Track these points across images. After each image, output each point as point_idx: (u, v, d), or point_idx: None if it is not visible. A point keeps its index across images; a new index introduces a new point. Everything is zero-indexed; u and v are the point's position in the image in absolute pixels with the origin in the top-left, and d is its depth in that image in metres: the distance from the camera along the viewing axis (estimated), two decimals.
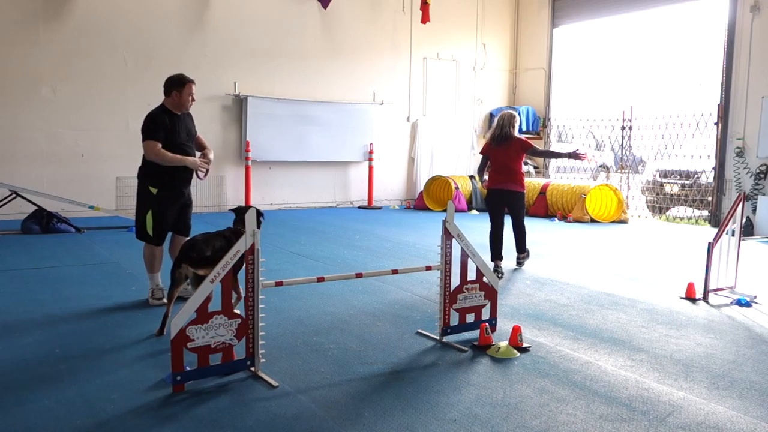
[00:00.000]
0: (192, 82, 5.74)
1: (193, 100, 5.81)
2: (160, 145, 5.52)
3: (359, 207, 14.30)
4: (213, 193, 12.86)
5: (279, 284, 4.14)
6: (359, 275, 4.64)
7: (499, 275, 7.15)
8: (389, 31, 14.72)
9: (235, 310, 3.95)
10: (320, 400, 3.73)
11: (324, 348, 4.65)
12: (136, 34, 11.94)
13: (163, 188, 5.65)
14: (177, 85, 5.63)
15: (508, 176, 7.49)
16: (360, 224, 11.47)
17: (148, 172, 5.66)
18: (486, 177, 7.73)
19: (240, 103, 12.93)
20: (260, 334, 4.00)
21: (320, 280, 4.49)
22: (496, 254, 7.51)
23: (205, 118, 12.60)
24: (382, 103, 14.54)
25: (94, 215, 10.78)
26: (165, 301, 5.32)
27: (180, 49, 12.32)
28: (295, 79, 13.46)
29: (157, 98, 5.92)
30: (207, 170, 5.98)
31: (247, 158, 12.66)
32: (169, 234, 5.94)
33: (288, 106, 13.24)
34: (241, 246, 3.86)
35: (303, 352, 4.56)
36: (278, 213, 12.94)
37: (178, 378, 3.74)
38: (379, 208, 14.29)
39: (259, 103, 12.91)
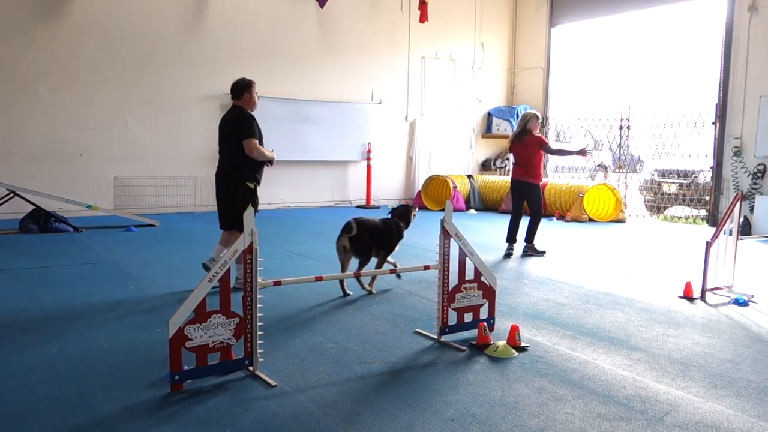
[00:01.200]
0: (254, 82, 6.43)
1: (258, 98, 6.53)
2: (257, 142, 6.18)
3: (357, 206, 14.30)
4: (211, 193, 12.79)
5: (277, 283, 4.14)
6: (357, 274, 4.64)
7: (509, 253, 8.42)
8: (388, 31, 14.72)
9: (233, 310, 3.94)
10: (318, 400, 3.74)
11: (322, 347, 4.66)
12: (135, 34, 11.93)
13: (257, 183, 6.33)
14: (246, 87, 6.32)
15: (527, 169, 8.44)
16: None
17: (245, 169, 6.22)
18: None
19: None
20: (258, 333, 4.00)
21: (319, 279, 4.49)
22: (511, 238, 8.55)
23: (203, 118, 12.62)
24: (380, 103, 14.55)
25: (92, 215, 10.77)
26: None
27: (178, 49, 12.32)
28: (293, 78, 13.46)
29: (154, 97, 5.92)
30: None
31: None
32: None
33: (286, 106, 13.23)
34: (239, 245, 3.87)
35: (301, 351, 4.57)
36: (277, 212, 12.95)
37: (177, 377, 3.75)
38: (378, 207, 14.30)
39: (258, 103, 12.87)
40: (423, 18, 14.21)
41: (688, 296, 6.36)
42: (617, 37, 21.32)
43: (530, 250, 8.54)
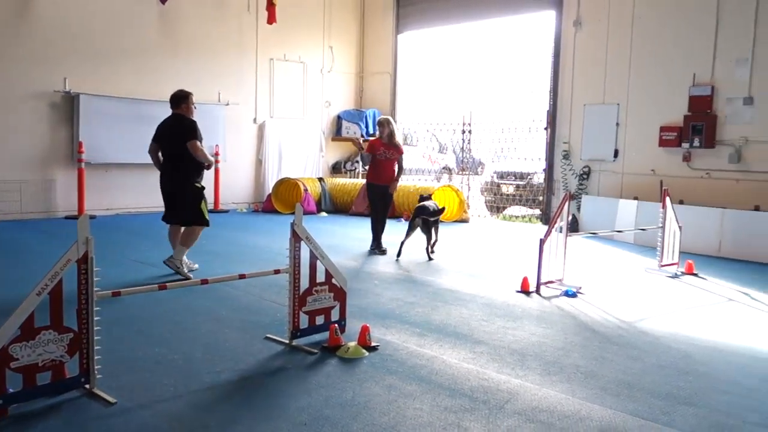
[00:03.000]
0: (192, 93, 7.52)
1: (195, 108, 7.46)
2: (200, 144, 7.08)
3: None
4: (41, 198, 11.86)
5: (116, 294, 3.91)
6: (204, 281, 4.49)
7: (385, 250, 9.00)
8: (234, 31, 14.39)
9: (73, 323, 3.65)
10: (163, 414, 3.57)
11: (168, 359, 4.46)
12: None
13: (201, 182, 7.26)
14: (184, 98, 7.34)
15: (390, 173, 9.25)
16: (206, 228, 11.08)
17: (192, 171, 7.12)
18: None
19: (71, 101, 12.03)
20: (96, 348, 3.75)
21: (162, 288, 4.30)
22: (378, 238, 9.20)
23: (31, 117, 11.63)
24: (228, 104, 14.18)
25: None
26: (188, 275, 7.12)
27: (1, 42, 11.25)
28: (132, 76, 12.74)
29: None
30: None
31: (80, 160, 11.76)
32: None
33: (125, 105, 12.50)
34: (72, 255, 3.60)
35: (145, 364, 4.34)
36: (117, 219, 12.21)
37: (0, 402, 3.41)
38: (227, 211, 13.93)
39: (93, 102, 12.08)
40: (271, 20, 14.05)
41: (525, 290, 6.80)
42: (460, 45, 22.42)
43: (379, 249, 9.07)
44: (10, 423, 3.39)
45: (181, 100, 7.30)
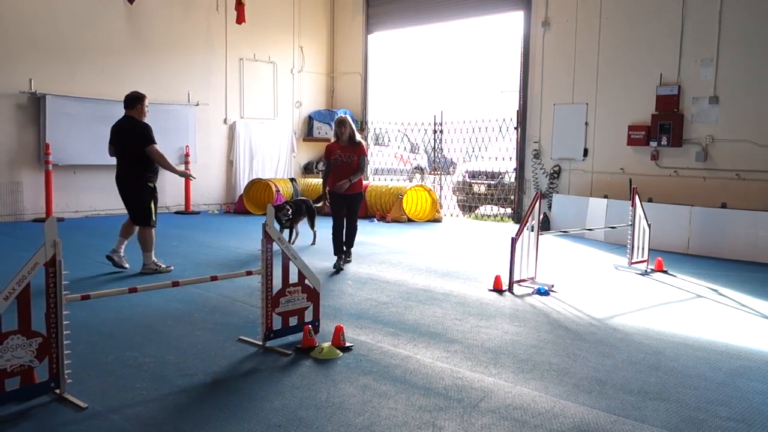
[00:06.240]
0: (146, 96, 7.47)
1: (148, 110, 7.53)
2: (158, 147, 7.26)
3: (176, 212, 13.68)
4: (8, 201, 11.61)
5: (86, 297, 3.85)
6: (176, 283, 4.44)
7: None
8: (203, 31, 14.24)
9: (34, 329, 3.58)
10: (134, 418, 3.52)
11: (139, 362, 4.39)
12: None
13: (155, 182, 7.42)
14: (138, 99, 7.35)
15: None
16: (177, 230, 10.99)
17: (146, 171, 7.29)
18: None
19: (37, 102, 11.79)
20: (65, 352, 3.68)
21: (132, 290, 4.23)
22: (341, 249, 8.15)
23: None
24: (197, 104, 14.03)
25: None
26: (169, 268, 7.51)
27: None
28: (99, 77, 12.54)
29: None
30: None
31: (47, 162, 11.55)
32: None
33: (92, 106, 12.29)
34: (40, 258, 3.53)
35: (115, 368, 4.27)
36: (86, 221, 12.01)
37: None
38: (198, 212, 13.79)
39: (60, 102, 11.86)
40: (240, 19, 13.94)
41: (497, 289, 6.85)
42: (430, 46, 22.51)
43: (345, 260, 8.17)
44: None
45: (135, 101, 7.37)
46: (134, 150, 7.23)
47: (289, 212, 9.27)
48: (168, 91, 13.57)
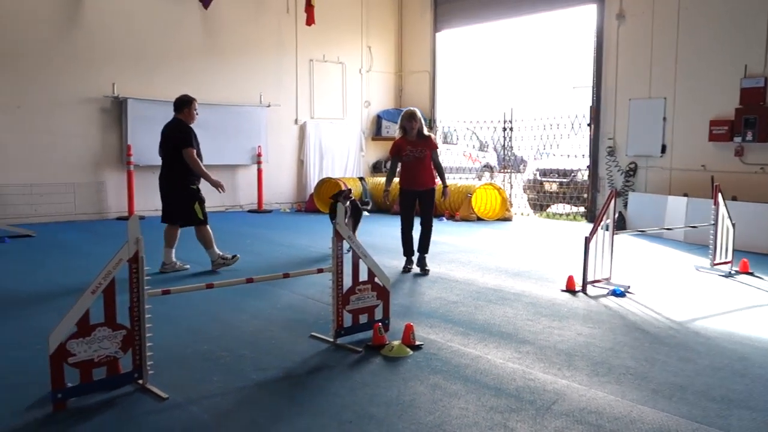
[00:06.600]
0: (195, 99, 7.69)
1: (197, 114, 7.69)
2: (194, 152, 7.33)
3: (249, 211, 14.01)
4: (93, 200, 12.18)
5: (166, 292, 3.98)
6: (250, 280, 4.54)
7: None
8: (274, 33, 14.53)
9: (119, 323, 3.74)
10: (212, 410, 3.62)
11: (215, 356, 4.52)
12: (2, 36, 11.08)
13: (198, 184, 7.48)
14: (187, 103, 7.55)
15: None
16: (250, 228, 11.25)
17: (188, 173, 7.34)
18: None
19: (119, 106, 12.33)
20: (147, 345, 3.83)
21: (209, 286, 4.35)
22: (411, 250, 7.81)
23: (82, 121, 11.98)
24: (269, 105, 14.33)
25: None
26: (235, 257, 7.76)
27: (50, 50, 11.54)
28: (177, 80, 12.95)
29: (25, 100, 5.52)
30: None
31: (129, 163, 12.06)
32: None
33: (170, 109, 12.43)
34: (123, 254, 3.68)
35: (193, 361, 4.41)
36: None
37: (59, 395, 3.52)
38: (270, 211, 14.08)
39: (140, 106, 12.34)
40: (310, 21, 14.14)
41: (570, 289, 6.69)
42: (499, 42, 22.24)
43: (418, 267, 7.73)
44: (69, 416, 3.49)
45: (183, 105, 7.56)
46: (174, 151, 7.36)
47: (350, 194, 8.71)
48: (241, 93, 13.92)
